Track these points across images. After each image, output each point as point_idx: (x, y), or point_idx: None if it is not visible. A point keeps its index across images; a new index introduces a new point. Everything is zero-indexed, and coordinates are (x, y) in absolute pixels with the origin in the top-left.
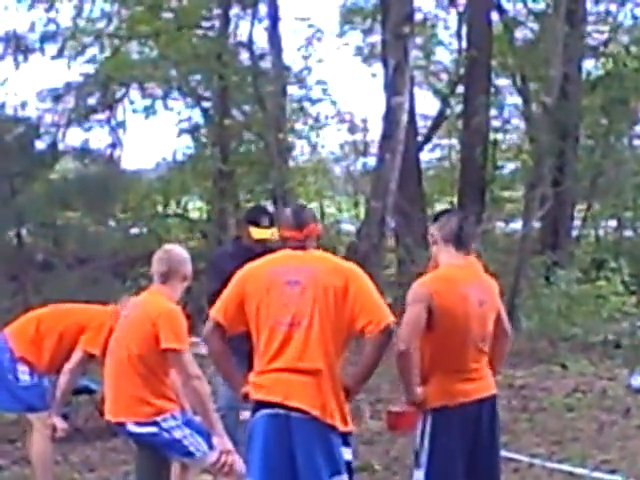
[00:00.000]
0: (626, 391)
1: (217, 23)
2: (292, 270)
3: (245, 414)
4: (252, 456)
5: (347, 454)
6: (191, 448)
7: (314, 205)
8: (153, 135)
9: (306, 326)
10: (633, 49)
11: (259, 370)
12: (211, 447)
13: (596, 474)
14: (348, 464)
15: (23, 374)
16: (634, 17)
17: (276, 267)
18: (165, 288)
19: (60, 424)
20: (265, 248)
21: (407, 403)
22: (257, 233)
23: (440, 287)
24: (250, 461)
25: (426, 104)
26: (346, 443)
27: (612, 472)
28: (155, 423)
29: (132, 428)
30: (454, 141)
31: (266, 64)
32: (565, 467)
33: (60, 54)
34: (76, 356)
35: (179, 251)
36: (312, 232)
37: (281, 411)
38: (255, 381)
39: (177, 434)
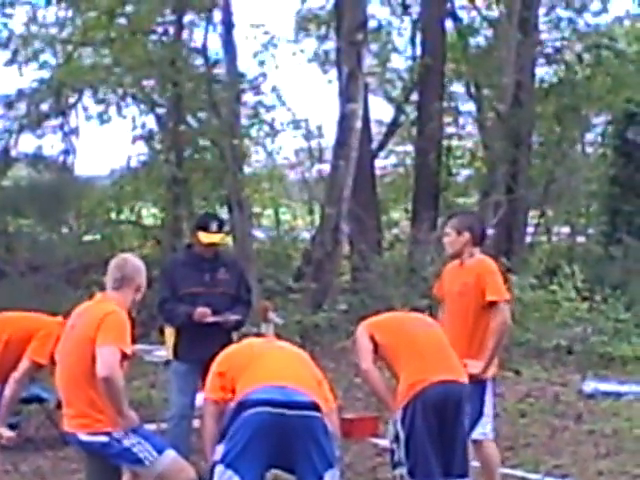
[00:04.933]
0: (578, 396)
1: (171, 29)
2: None
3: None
4: None
5: None
6: (140, 455)
7: (269, 212)
8: (107, 142)
9: None
10: (585, 56)
11: None
12: (160, 453)
13: (548, 479)
14: None
15: None
16: (587, 25)
17: None
18: (116, 295)
19: (6, 433)
20: (215, 253)
21: None
22: (206, 237)
23: None
24: None
25: (381, 111)
26: None
27: (564, 477)
28: (107, 433)
29: (83, 437)
30: (409, 148)
31: (220, 70)
32: (518, 472)
33: (13, 60)
34: (23, 365)
35: (136, 261)
36: None
37: None
38: None
39: (126, 442)
